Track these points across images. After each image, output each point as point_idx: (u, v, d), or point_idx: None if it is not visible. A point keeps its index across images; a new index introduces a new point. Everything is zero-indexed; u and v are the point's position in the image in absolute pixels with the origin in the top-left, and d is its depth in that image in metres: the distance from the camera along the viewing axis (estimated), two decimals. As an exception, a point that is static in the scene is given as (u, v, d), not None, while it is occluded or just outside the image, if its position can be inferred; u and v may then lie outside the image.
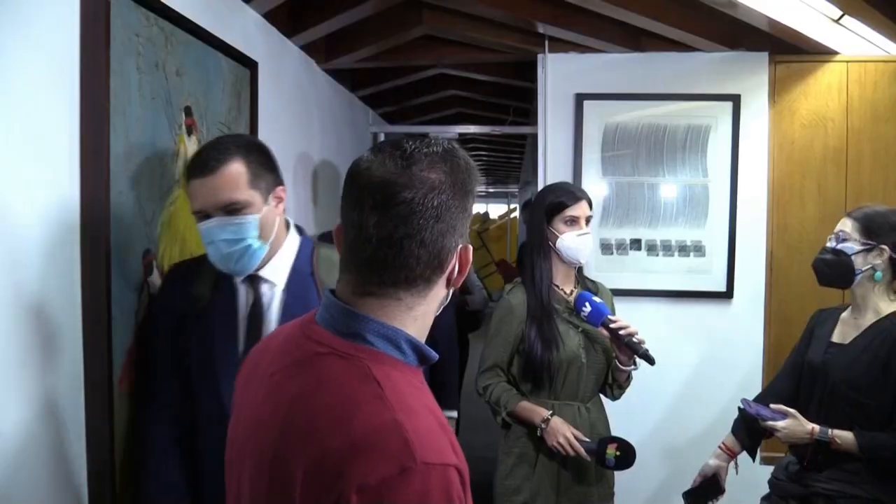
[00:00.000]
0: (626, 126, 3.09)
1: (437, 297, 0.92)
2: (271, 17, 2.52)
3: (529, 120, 4.33)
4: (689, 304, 3.10)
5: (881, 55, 3.00)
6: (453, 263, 0.90)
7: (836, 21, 2.81)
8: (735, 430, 2.17)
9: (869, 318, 1.90)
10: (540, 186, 3.19)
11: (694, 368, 3.13)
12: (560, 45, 3.07)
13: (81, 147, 1.46)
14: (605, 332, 1.97)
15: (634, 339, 1.93)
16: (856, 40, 2.91)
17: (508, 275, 4.73)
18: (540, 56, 3.12)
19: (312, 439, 0.79)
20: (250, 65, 2.30)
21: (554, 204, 2.09)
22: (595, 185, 3.10)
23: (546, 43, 3.07)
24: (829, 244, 1.96)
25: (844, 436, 1.83)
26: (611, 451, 1.95)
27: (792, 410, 1.92)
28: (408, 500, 0.74)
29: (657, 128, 3.08)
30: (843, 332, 1.97)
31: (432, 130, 4.13)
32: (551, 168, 3.15)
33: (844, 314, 2.01)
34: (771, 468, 2.22)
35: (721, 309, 3.11)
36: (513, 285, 2.19)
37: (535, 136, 3.36)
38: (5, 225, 1.28)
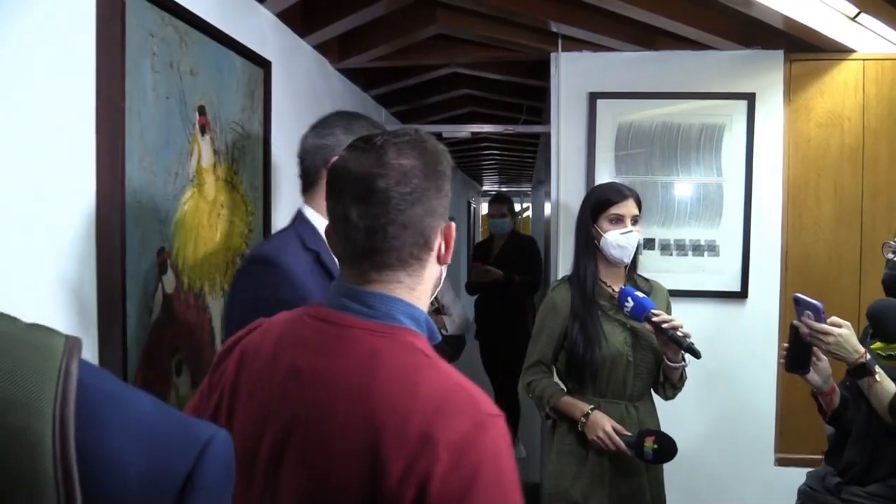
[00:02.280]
0: (639, 125, 3.08)
1: (432, 276, 1.00)
2: (284, 16, 2.52)
3: (542, 119, 4.32)
4: (703, 304, 3.08)
5: (897, 52, 2.97)
6: (439, 241, 0.98)
7: (853, 19, 2.78)
8: None
9: None
10: (553, 185, 3.19)
11: (708, 368, 3.11)
12: (573, 44, 3.06)
13: (97, 145, 1.47)
14: (649, 326, 1.95)
15: (678, 333, 1.90)
16: (872, 38, 2.89)
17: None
18: (553, 55, 3.12)
19: (387, 410, 0.84)
20: (264, 64, 2.31)
21: (600, 202, 2.09)
22: (608, 184, 3.10)
23: (559, 42, 3.06)
24: (891, 256, 1.80)
25: (887, 381, 1.65)
26: (648, 444, 1.92)
27: (847, 322, 1.73)
28: (486, 449, 0.83)
29: (671, 127, 3.07)
30: None
31: (445, 129, 4.12)
32: (564, 167, 3.14)
33: None
34: (787, 470, 2.20)
35: (736, 309, 3.09)
36: (559, 282, 2.21)
37: (547, 136, 3.35)
38: (21, 224, 1.30)
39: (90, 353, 1.48)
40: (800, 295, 1.83)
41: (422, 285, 0.98)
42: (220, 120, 2.00)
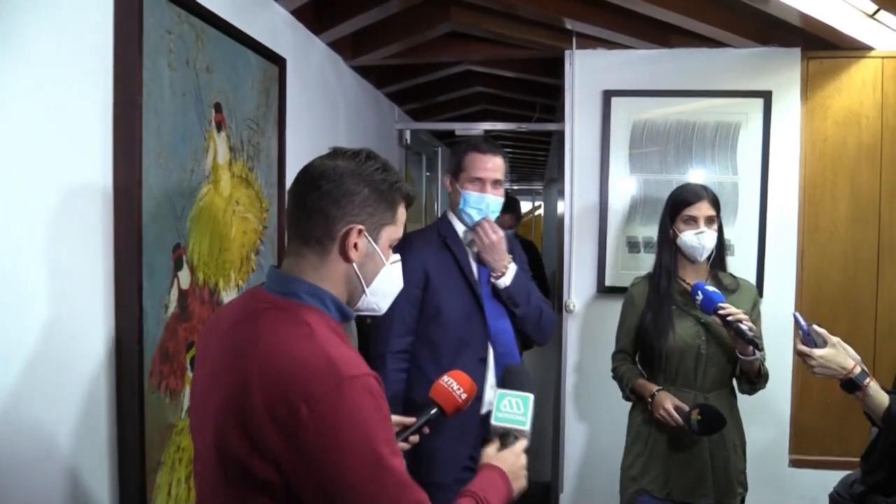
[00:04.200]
0: (654, 123, 3.06)
1: (337, 266, 1.18)
2: (299, 13, 2.53)
3: (555, 117, 4.30)
4: (717, 304, 3.05)
5: (917, 50, 2.93)
6: (347, 239, 1.16)
7: (871, 16, 2.75)
8: None
9: None
10: (566, 184, 3.17)
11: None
12: (587, 42, 3.05)
13: (114, 141, 1.48)
14: (717, 319, 2.04)
15: (743, 326, 1.97)
16: (891, 35, 2.85)
17: None
18: (567, 52, 3.10)
19: (265, 369, 1.04)
20: (278, 61, 2.31)
21: (677, 203, 2.23)
22: (622, 182, 3.08)
23: (573, 39, 3.05)
24: None
25: (880, 394, 1.65)
26: (694, 416, 2.03)
27: (836, 338, 1.74)
28: (345, 406, 1.01)
29: (686, 125, 3.05)
30: None
31: (458, 127, 4.11)
32: (578, 165, 3.13)
33: None
34: (800, 471, 2.18)
35: (750, 309, 3.05)
36: (639, 278, 2.40)
37: (561, 134, 3.34)
38: (40, 219, 1.31)
39: (107, 347, 1.50)
40: (796, 314, 1.86)
41: (325, 268, 1.17)
42: (236, 117, 2.00)
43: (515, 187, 12.90)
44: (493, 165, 2.21)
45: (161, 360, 1.63)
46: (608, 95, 3.07)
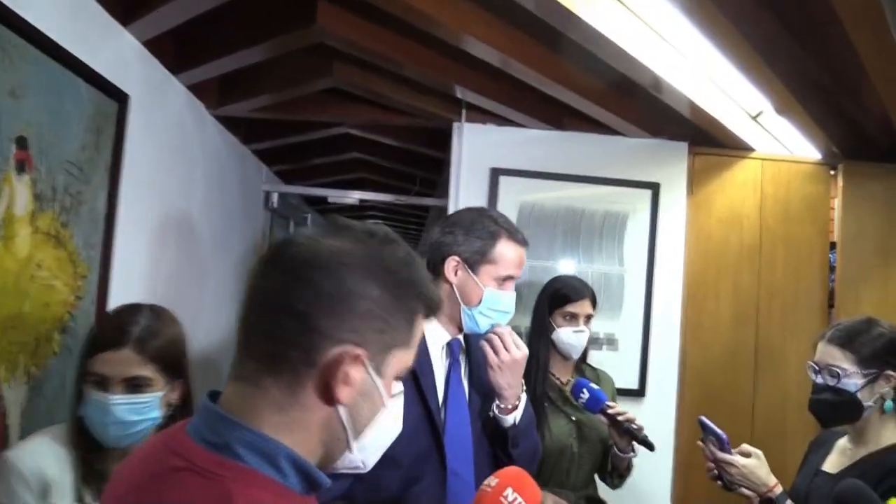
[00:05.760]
0: (542, 207, 2.90)
1: (315, 412, 0.73)
2: (154, 46, 2.15)
3: (436, 192, 4.09)
4: (599, 402, 2.87)
5: (795, 156, 2.99)
6: (334, 368, 0.72)
7: (754, 118, 2.77)
8: None
9: (868, 449, 1.62)
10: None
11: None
12: (477, 115, 2.87)
13: None
14: (603, 418, 1.96)
15: (634, 426, 1.91)
16: (771, 139, 2.89)
17: None
18: (456, 124, 2.91)
19: None
20: (120, 98, 1.91)
21: (557, 297, 2.14)
22: (507, 266, 2.87)
23: (463, 111, 2.86)
24: (818, 379, 1.65)
25: None
26: None
27: (758, 451, 1.66)
28: None
29: (574, 211, 2.91)
30: (836, 462, 1.68)
31: (331, 194, 3.79)
32: (461, 245, 2.89)
33: (841, 441, 1.72)
34: None
35: (633, 407, 2.84)
36: None
37: (439, 209, 3.11)
38: None
39: None
40: (705, 419, 1.72)
41: (297, 412, 0.72)
42: (49, 157, 1.57)
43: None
44: (524, 261, 1.64)
45: None
46: (496, 173, 2.88)
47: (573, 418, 2.10)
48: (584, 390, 1.97)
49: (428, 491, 1.52)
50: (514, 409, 1.57)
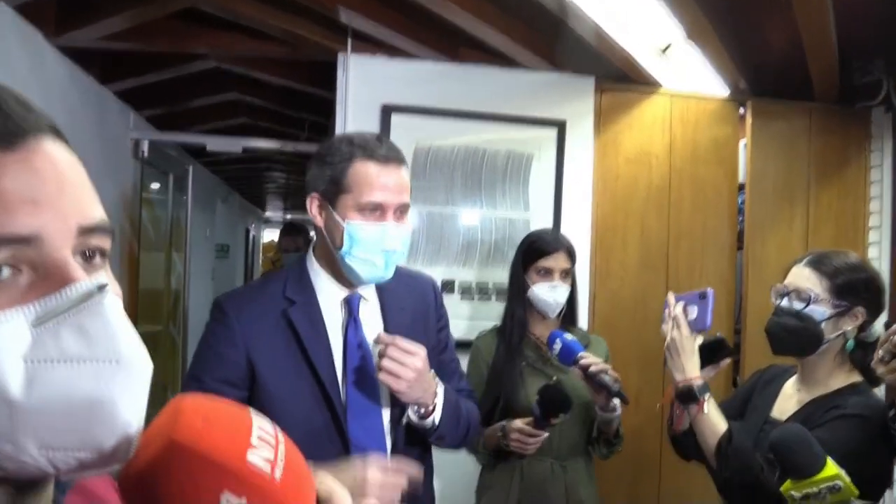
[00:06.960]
0: (440, 148, 2.63)
1: None
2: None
3: (326, 137, 3.76)
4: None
5: (703, 93, 2.84)
6: None
7: (663, 51, 2.59)
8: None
9: (817, 392, 1.49)
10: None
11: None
12: (365, 46, 2.55)
13: None
14: (577, 371, 1.81)
15: (606, 377, 1.75)
16: (680, 74, 2.73)
17: None
18: (341, 56, 2.58)
19: None
20: None
21: (530, 251, 2.02)
22: (403, 214, 2.61)
23: (349, 41, 2.54)
24: (784, 303, 1.50)
25: (717, 417, 1.45)
26: (533, 401, 1.78)
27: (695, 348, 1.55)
28: None
29: (475, 152, 2.66)
30: (783, 407, 1.55)
31: (211, 142, 3.39)
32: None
33: (789, 384, 1.59)
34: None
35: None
36: (487, 330, 2.14)
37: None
38: None
39: None
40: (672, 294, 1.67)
41: None
42: None
43: (289, 216, 12.16)
44: (398, 182, 1.33)
45: None
46: (388, 111, 2.59)
47: (553, 378, 1.93)
48: (558, 340, 1.85)
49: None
50: (433, 411, 1.35)
